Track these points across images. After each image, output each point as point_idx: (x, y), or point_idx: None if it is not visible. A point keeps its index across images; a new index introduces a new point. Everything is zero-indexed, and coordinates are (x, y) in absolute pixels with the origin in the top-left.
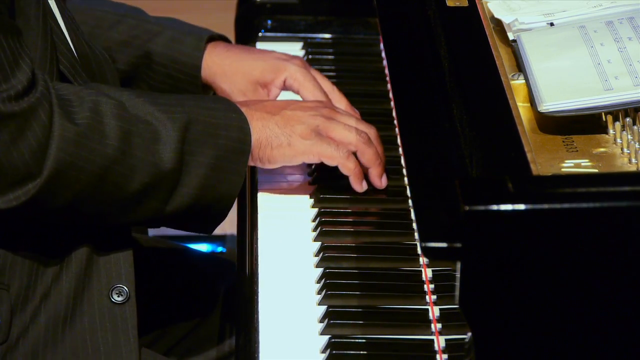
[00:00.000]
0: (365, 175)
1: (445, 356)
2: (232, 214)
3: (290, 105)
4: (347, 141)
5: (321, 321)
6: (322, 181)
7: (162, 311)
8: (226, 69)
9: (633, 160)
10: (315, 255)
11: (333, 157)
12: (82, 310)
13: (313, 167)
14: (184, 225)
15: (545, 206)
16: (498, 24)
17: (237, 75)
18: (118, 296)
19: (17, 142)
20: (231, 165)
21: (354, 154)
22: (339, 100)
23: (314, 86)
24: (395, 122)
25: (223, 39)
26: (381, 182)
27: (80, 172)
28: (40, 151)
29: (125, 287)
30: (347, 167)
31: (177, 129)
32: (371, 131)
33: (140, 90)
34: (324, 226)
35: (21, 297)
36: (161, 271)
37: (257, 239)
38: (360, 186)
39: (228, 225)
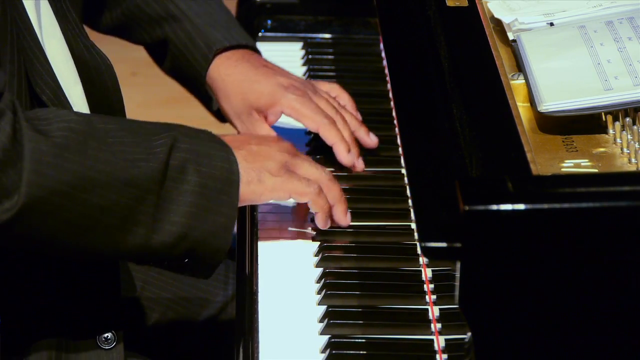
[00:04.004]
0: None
1: (445, 356)
2: None
3: (252, 139)
4: (314, 177)
5: (321, 321)
6: None
7: (160, 311)
8: (228, 87)
9: (633, 160)
10: (315, 255)
11: (305, 194)
12: (68, 356)
13: None
14: (180, 265)
15: (545, 206)
16: (498, 24)
17: (236, 97)
18: (106, 341)
19: None
20: (221, 196)
21: None
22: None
23: (314, 112)
24: (395, 122)
25: (240, 47)
26: (346, 219)
27: (60, 194)
28: (5, 174)
29: (113, 332)
30: (319, 204)
31: (160, 153)
32: (327, 171)
33: (124, 118)
34: None
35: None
36: (159, 274)
37: (257, 239)
38: (326, 223)
39: None
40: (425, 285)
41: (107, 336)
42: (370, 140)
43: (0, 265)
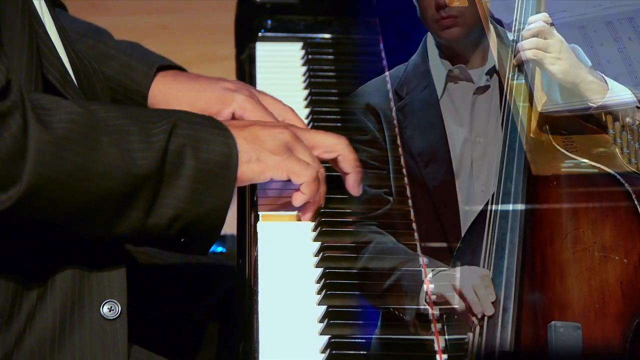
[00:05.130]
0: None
1: (445, 356)
2: (232, 214)
3: (256, 123)
4: (314, 164)
5: (321, 321)
6: None
7: (160, 310)
8: (170, 98)
9: (633, 160)
10: (315, 255)
11: (302, 175)
12: (72, 327)
13: None
14: (173, 243)
15: (545, 206)
16: (498, 23)
17: (180, 106)
18: (109, 311)
19: None
20: (217, 179)
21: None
22: (293, 122)
23: (265, 115)
24: (395, 122)
25: (176, 68)
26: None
27: (60, 182)
28: (14, 163)
29: (118, 303)
30: (311, 190)
31: (159, 140)
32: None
33: (125, 105)
34: (324, 226)
35: (5, 316)
36: (158, 272)
37: (256, 239)
38: (312, 215)
39: (228, 226)
40: (425, 286)
41: (111, 306)
42: None
43: (4, 232)
